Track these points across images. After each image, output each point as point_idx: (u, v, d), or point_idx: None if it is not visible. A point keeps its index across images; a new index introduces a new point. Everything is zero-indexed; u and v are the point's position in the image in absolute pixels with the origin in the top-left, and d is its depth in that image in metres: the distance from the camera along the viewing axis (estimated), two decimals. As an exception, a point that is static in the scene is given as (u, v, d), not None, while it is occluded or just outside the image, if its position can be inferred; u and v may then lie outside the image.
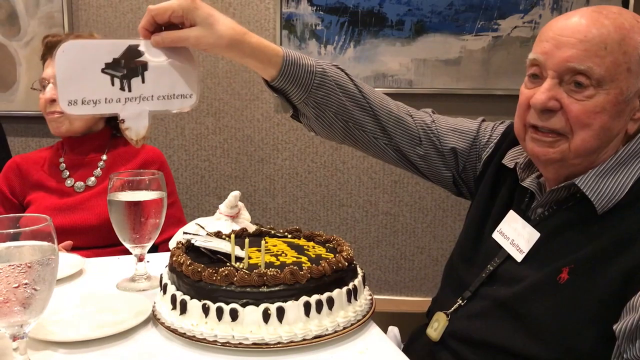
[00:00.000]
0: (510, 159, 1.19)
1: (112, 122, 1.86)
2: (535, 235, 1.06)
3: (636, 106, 0.99)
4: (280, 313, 0.94)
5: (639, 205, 0.97)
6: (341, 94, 1.20)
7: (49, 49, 1.76)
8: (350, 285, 1.02)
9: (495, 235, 1.14)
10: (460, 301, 1.14)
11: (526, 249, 1.07)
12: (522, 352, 1.00)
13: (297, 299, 0.95)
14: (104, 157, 1.80)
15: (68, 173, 1.77)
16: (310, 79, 1.15)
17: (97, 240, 1.64)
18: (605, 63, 0.94)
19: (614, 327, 0.90)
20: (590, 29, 0.95)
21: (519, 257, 1.07)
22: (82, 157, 1.79)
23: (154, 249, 1.55)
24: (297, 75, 1.13)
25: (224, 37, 1.04)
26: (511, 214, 1.13)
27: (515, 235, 1.10)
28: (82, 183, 1.75)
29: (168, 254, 1.11)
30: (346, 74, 1.23)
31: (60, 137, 1.81)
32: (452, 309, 1.15)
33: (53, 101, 1.72)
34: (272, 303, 0.94)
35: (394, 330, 1.43)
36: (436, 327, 1.15)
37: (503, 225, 1.14)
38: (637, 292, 0.89)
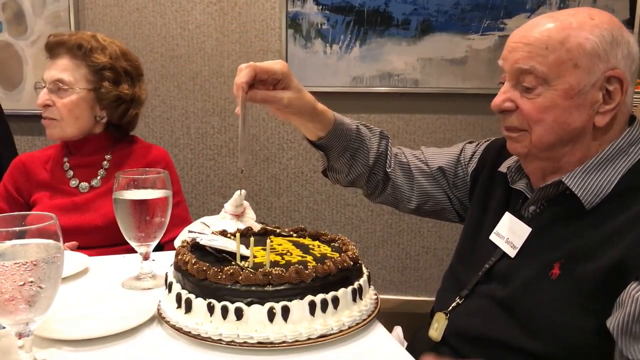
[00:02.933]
0: (504, 165, 1.24)
1: (112, 128, 1.81)
2: (527, 230, 1.09)
3: (599, 99, 1.02)
4: (285, 312, 0.93)
5: (625, 199, 0.99)
6: (369, 145, 1.34)
7: (50, 49, 1.73)
8: (356, 285, 1.02)
9: (492, 237, 1.17)
10: (458, 300, 1.16)
11: (519, 244, 1.09)
12: (519, 346, 1.02)
13: (302, 298, 0.95)
14: (108, 156, 1.79)
15: (72, 173, 1.76)
16: (350, 134, 1.30)
17: (103, 240, 1.64)
18: (548, 61, 1.01)
19: (608, 324, 0.91)
20: (533, 32, 1.03)
21: (512, 253, 1.10)
22: (86, 158, 1.77)
23: (159, 249, 1.54)
24: (342, 133, 1.29)
25: (309, 103, 1.20)
26: (506, 216, 1.16)
27: (510, 233, 1.13)
28: (86, 184, 1.74)
29: (173, 252, 1.11)
30: (366, 126, 1.37)
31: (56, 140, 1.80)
32: (451, 307, 1.17)
33: (46, 106, 1.70)
34: (277, 302, 0.93)
35: (397, 330, 1.43)
36: (436, 327, 1.17)
37: (499, 227, 1.17)
38: (625, 286, 0.90)
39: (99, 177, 1.75)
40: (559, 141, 1.04)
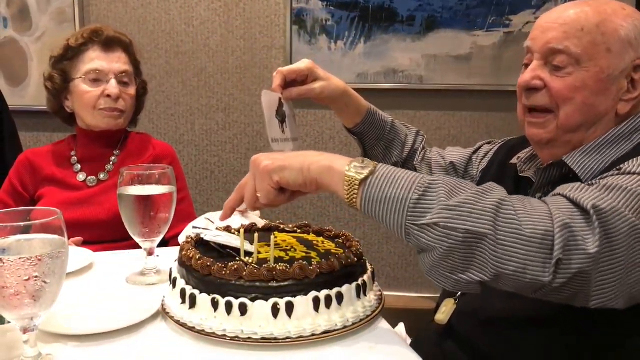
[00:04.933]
0: (515, 158, 1.27)
1: (133, 119, 1.88)
2: None
3: (624, 87, 1.05)
4: (289, 308, 0.93)
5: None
6: (404, 139, 1.47)
7: (106, 42, 1.74)
8: (360, 281, 1.02)
9: None
10: None
11: None
12: (531, 323, 1.04)
13: (306, 294, 0.94)
14: (117, 152, 1.80)
15: (80, 167, 1.77)
16: (385, 126, 1.43)
17: (107, 234, 1.64)
18: (583, 43, 1.03)
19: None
20: (570, 14, 1.06)
21: None
22: (95, 152, 1.78)
23: (163, 244, 1.54)
24: (377, 121, 1.42)
25: (340, 87, 1.33)
26: None
27: None
28: (94, 177, 1.75)
29: (177, 248, 1.11)
30: (403, 124, 1.50)
31: (81, 130, 1.80)
32: (460, 293, 1.18)
33: (117, 98, 1.72)
34: (281, 298, 0.93)
35: (400, 326, 1.44)
36: (444, 311, 1.19)
37: None
38: None
39: (106, 171, 1.76)
40: (584, 123, 1.07)
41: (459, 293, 1.17)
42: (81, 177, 1.75)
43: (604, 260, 0.81)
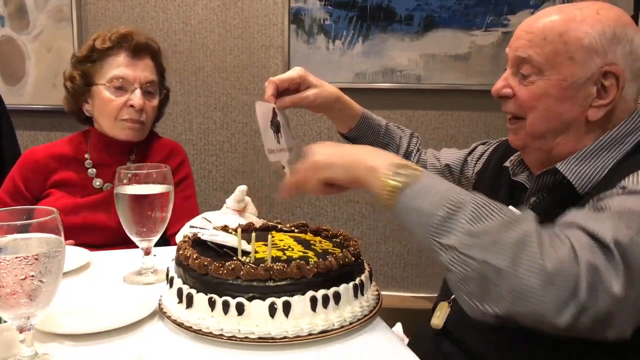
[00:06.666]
0: (508, 160, 1.27)
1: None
2: None
3: (592, 94, 1.03)
4: (287, 307, 0.93)
5: (614, 183, 0.97)
6: (399, 142, 1.47)
7: (136, 50, 1.66)
8: (357, 281, 1.02)
9: None
10: None
11: None
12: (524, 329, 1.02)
13: (303, 294, 0.94)
14: (133, 156, 1.73)
15: (95, 172, 1.70)
16: (379, 129, 1.44)
17: (114, 239, 1.58)
18: (545, 52, 1.04)
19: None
20: (537, 23, 1.07)
21: None
22: (111, 158, 1.70)
23: (165, 242, 1.52)
24: (371, 125, 1.43)
25: (333, 93, 1.33)
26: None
27: None
28: (110, 184, 1.68)
29: (174, 247, 1.11)
30: (397, 126, 1.50)
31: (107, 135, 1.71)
32: (454, 296, 1.17)
33: (142, 110, 1.65)
34: (279, 297, 0.93)
35: (397, 326, 1.44)
36: (439, 315, 1.19)
37: None
38: None
39: None
40: (551, 131, 1.08)
41: (453, 296, 1.17)
42: (98, 183, 1.69)
43: (624, 295, 0.78)
